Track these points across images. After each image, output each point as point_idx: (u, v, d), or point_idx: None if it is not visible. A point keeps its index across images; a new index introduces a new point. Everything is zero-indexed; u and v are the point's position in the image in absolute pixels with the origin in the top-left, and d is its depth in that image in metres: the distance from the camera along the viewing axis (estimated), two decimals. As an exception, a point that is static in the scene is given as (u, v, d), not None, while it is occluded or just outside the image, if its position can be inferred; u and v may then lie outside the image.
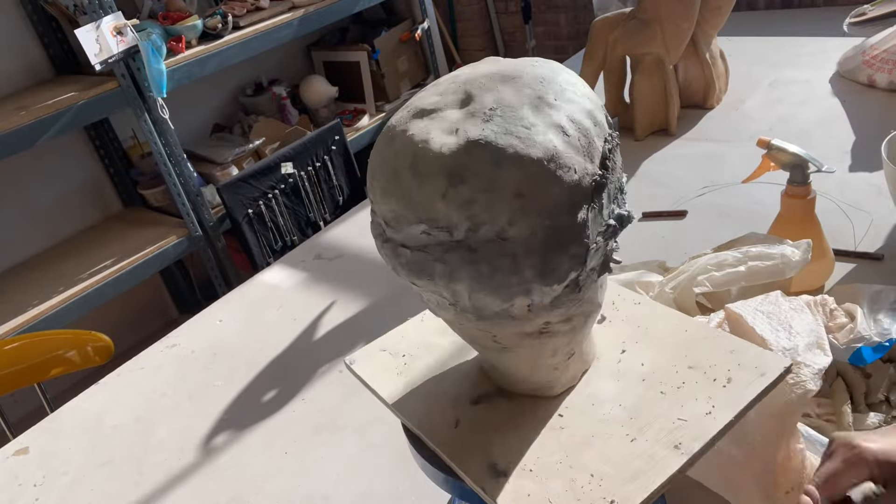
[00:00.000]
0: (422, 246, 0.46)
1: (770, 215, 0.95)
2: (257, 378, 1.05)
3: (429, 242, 0.46)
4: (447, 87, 0.50)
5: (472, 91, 0.48)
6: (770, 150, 0.88)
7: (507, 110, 0.45)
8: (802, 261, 0.76)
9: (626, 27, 1.42)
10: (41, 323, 1.94)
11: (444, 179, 0.44)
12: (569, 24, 3.14)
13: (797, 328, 0.66)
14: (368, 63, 2.83)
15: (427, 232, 0.45)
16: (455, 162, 0.44)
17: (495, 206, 0.43)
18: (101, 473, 0.94)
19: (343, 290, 1.22)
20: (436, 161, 0.44)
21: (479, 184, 0.43)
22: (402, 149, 0.46)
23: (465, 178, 0.43)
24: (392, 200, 0.46)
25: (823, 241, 0.91)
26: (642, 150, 1.42)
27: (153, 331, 2.57)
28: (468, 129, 0.45)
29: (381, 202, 0.48)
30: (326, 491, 0.83)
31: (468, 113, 0.46)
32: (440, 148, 0.44)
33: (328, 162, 2.23)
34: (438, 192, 0.44)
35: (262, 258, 2.09)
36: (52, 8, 2.15)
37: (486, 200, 0.43)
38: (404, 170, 0.45)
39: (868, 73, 1.44)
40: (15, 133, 1.82)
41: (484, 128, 0.44)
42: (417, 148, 0.45)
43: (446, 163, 0.44)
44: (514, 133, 0.44)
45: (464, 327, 0.53)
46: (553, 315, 0.49)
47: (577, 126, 0.46)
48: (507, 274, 0.44)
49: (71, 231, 2.41)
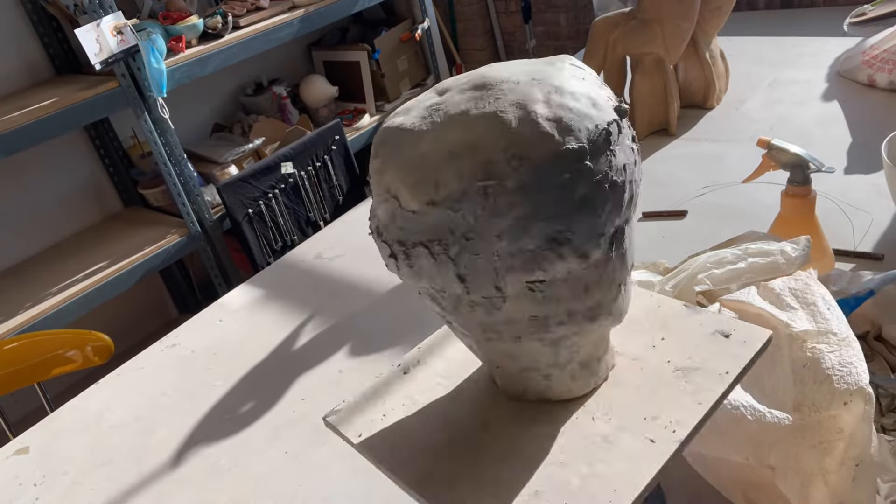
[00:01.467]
0: (466, 232, 0.46)
1: (770, 215, 0.95)
2: (257, 378, 1.05)
3: (464, 222, 0.46)
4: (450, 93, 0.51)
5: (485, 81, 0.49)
6: (770, 150, 0.88)
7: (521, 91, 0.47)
8: (802, 257, 0.76)
9: (626, 27, 1.42)
10: (41, 323, 1.94)
11: (502, 149, 0.44)
12: (569, 24, 3.14)
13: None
14: (368, 63, 2.83)
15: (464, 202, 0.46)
16: (512, 131, 0.45)
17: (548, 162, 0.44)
18: (101, 473, 0.94)
19: (343, 290, 1.22)
20: (501, 130, 0.45)
21: (530, 150, 0.44)
22: (444, 135, 0.46)
23: (520, 145, 0.44)
24: (430, 188, 0.46)
25: (823, 241, 0.91)
26: (642, 150, 1.42)
27: (153, 331, 2.57)
28: (501, 105, 0.46)
29: (412, 199, 0.47)
30: (326, 491, 0.83)
31: (481, 96, 0.47)
32: (502, 114, 0.45)
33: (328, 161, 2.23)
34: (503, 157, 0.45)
35: (262, 258, 2.10)
36: (53, 8, 2.15)
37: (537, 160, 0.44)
38: (453, 155, 0.46)
39: (868, 72, 1.44)
40: (15, 133, 1.82)
41: (530, 104, 0.46)
42: (470, 118, 0.46)
43: (503, 134, 0.45)
44: (564, 105, 0.46)
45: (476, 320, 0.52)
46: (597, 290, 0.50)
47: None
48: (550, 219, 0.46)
49: (71, 231, 2.41)
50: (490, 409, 0.58)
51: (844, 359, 0.62)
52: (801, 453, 0.61)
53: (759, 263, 0.78)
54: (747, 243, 0.81)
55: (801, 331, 0.65)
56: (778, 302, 0.70)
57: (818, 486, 0.60)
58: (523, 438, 0.54)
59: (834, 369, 0.62)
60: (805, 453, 0.61)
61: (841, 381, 0.61)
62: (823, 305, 0.68)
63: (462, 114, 0.47)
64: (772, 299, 0.71)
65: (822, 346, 0.64)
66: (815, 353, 0.63)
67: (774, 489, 0.62)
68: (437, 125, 0.47)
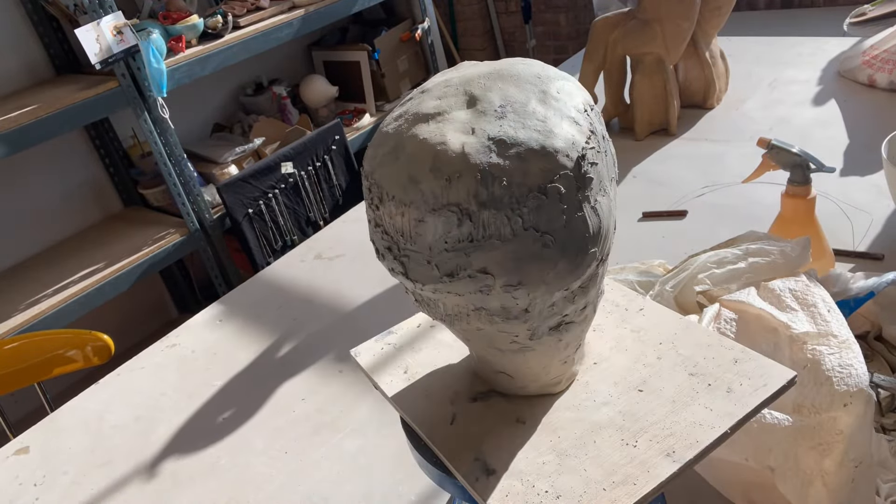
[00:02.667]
0: (451, 245, 0.46)
1: (770, 215, 0.95)
2: (257, 378, 1.05)
3: (457, 240, 0.45)
4: (443, 91, 0.49)
5: (473, 91, 0.48)
6: (770, 150, 0.88)
7: (518, 106, 0.46)
8: (802, 256, 0.76)
9: (626, 27, 1.42)
10: (41, 323, 1.94)
11: (471, 178, 0.43)
12: (569, 24, 3.14)
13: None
14: (368, 63, 2.83)
15: (450, 234, 0.45)
16: (480, 160, 0.44)
17: (525, 197, 0.43)
18: (101, 473, 0.94)
19: (343, 290, 1.22)
20: (461, 161, 0.44)
21: (508, 177, 0.43)
22: (418, 153, 0.45)
23: (494, 174, 0.43)
24: (412, 209, 0.45)
25: (823, 241, 0.91)
26: (642, 150, 1.42)
27: (153, 331, 2.58)
28: (485, 127, 0.45)
29: (396, 214, 0.47)
30: (326, 491, 0.83)
31: (478, 112, 0.46)
32: (461, 147, 0.44)
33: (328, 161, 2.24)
34: (467, 190, 0.43)
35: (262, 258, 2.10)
36: (53, 7, 2.15)
37: (517, 192, 0.43)
38: (424, 173, 0.44)
39: (868, 72, 1.44)
40: (15, 133, 1.82)
41: (501, 124, 0.45)
42: (436, 150, 0.45)
43: (472, 161, 0.44)
44: (532, 126, 0.44)
45: (482, 333, 0.52)
46: (577, 303, 0.49)
47: (583, 115, 0.47)
48: (545, 261, 0.45)
49: (71, 231, 2.41)
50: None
51: (845, 361, 0.62)
52: (801, 454, 0.61)
53: (760, 263, 0.78)
54: (747, 243, 0.81)
55: (802, 332, 0.65)
56: (778, 303, 0.70)
57: (817, 487, 0.60)
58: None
59: (834, 371, 0.62)
60: (805, 454, 0.61)
61: (841, 383, 0.61)
62: (824, 307, 0.68)
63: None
64: (772, 300, 0.71)
65: (823, 348, 0.64)
66: (815, 354, 0.63)
67: (774, 490, 0.62)
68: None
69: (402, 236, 0.47)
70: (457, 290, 0.47)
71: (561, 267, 0.45)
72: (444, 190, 0.44)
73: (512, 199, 0.43)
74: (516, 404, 0.57)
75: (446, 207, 0.44)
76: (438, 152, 0.45)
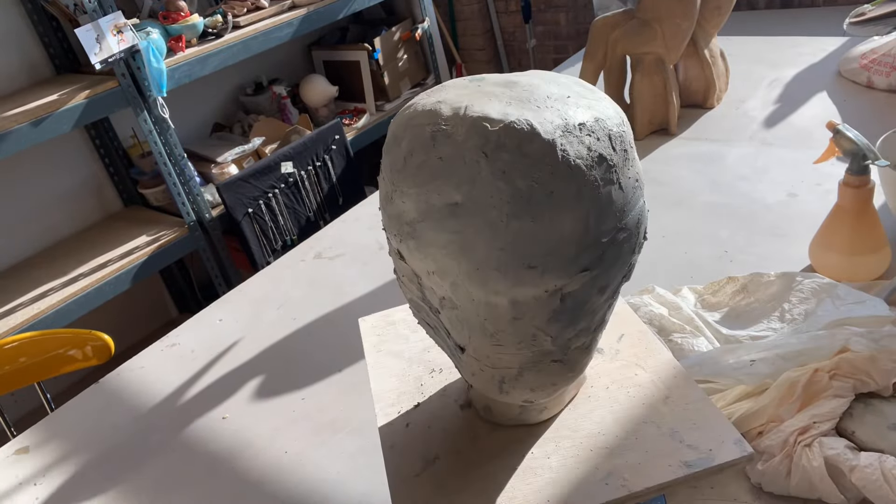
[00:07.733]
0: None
1: (770, 215, 0.95)
2: (257, 378, 1.05)
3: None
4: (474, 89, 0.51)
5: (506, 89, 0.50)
6: (836, 135, 0.87)
7: (558, 101, 0.48)
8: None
9: (626, 27, 1.42)
10: (41, 323, 1.94)
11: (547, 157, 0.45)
12: (569, 23, 3.14)
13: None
14: (368, 62, 2.83)
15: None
16: (554, 138, 0.46)
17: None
18: (101, 473, 0.94)
19: (343, 289, 1.22)
20: (538, 141, 0.45)
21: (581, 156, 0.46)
22: (470, 136, 0.46)
23: (566, 154, 0.46)
24: (464, 187, 0.46)
25: (881, 232, 0.89)
26: (642, 149, 1.42)
27: (153, 331, 2.58)
28: (542, 114, 0.47)
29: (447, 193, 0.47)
30: (326, 491, 0.83)
31: (519, 100, 0.48)
32: (539, 125, 0.45)
33: (328, 161, 2.24)
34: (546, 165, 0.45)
35: (262, 257, 2.10)
36: (53, 7, 2.15)
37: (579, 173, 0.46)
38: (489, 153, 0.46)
39: (866, 75, 1.44)
40: (15, 133, 1.82)
41: (560, 106, 0.48)
42: (513, 130, 0.45)
43: (545, 140, 0.45)
44: (588, 108, 0.49)
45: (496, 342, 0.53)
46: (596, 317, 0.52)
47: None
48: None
49: (71, 230, 2.41)
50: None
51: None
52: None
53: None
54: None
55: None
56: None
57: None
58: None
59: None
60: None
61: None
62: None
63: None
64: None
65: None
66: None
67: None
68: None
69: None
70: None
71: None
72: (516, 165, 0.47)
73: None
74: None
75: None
76: (514, 131, 0.47)
